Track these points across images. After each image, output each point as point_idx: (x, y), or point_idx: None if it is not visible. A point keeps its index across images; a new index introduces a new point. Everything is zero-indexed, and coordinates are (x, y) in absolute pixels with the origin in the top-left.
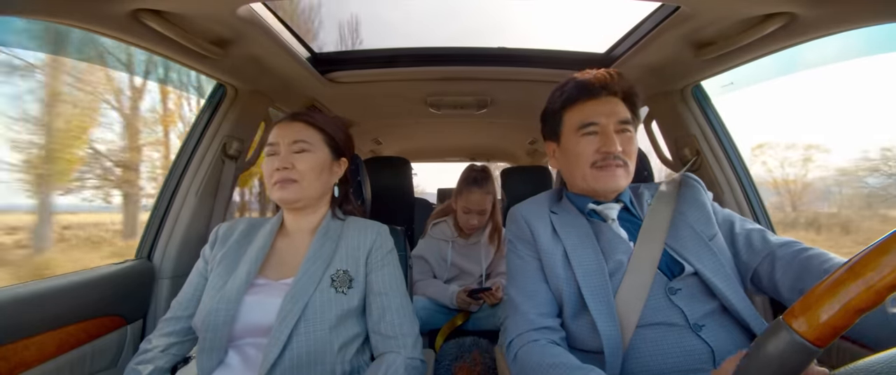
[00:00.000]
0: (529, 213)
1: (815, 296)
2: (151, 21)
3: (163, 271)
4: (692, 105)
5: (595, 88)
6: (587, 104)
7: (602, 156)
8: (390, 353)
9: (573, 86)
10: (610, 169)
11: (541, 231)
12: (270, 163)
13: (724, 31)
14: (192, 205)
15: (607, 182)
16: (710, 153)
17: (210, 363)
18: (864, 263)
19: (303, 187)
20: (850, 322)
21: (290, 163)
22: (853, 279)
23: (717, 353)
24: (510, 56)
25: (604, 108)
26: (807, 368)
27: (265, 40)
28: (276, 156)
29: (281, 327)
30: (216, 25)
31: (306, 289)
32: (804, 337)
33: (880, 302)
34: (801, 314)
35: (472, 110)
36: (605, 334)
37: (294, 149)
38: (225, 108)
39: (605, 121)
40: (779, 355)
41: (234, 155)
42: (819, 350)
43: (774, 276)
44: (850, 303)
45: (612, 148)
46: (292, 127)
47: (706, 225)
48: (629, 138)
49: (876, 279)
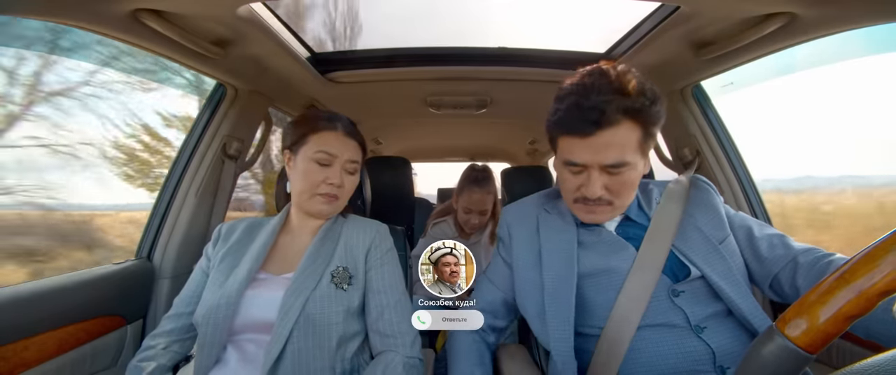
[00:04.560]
0: (514, 215)
1: (807, 303)
2: (151, 21)
3: (163, 271)
4: (692, 105)
5: (585, 126)
6: (574, 140)
7: (582, 196)
8: (388, 352)
9: (565, 112)
10: (588, 207)
11: (519, 233)
12: (320, 173)
13: (724, 31)
14: (192, 205)
15: (588, 218)
16: (710, 153)
17: (209, 359)
18: (853, 270)
19: (342, 204)
20: (842, 329)
21: (342, 180)
22: (843, 285)
23: (718, 355)
24: (510, 56)
25: (592, 147)
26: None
27: (265, 40)
28: (328, 168)
29: (283, 322)
30: (216, 25)
31: (307, 285)
32: (796, 344)
33: (871, 308)
34: (792, 320)
35: (472, 110)
36: (554, 339)
37: (348, 169)
38: (225, 108)
39: (591, 162)
40: (772, 361)
41: (234, 155)
42: (811, 357)
43: (796, 282)
44: (842, 310)
45: (591, 193)
46: (350, 145)
47: (717, 228)
48: (620, 177)
49: (866, 285)
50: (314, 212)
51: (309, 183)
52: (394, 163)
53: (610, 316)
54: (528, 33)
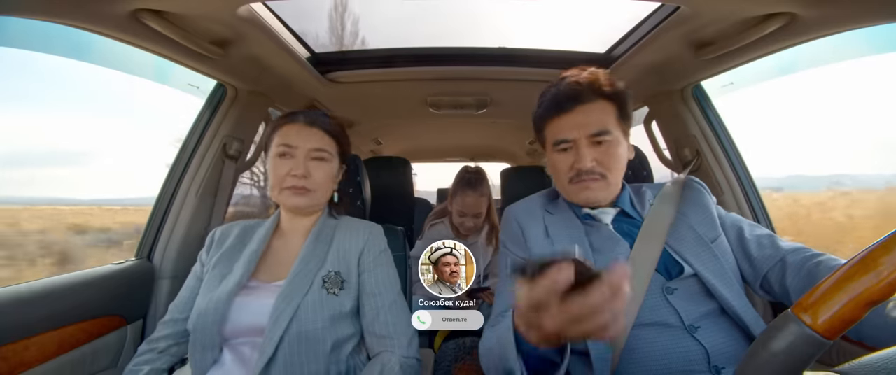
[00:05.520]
0: (522, 214)
1: (826, 289)
2: (151, 21)
3: (163, 271)
4: (692, 105)
5: (565, 102)
6: (559, 119)
7: (575, 172)
8: (385, 353)
9: (547, 99)
10: (584, 183)
11: (533, 232)
12: (283, 166)
13: (724, 31)
14: (192, 205)
15: (582, 195)
16: (709, 153)
17: (203, 362)
18: (874, 256)
19: (317, 196)
20: (861, 315)
21: (307, 171)
22: (864, 272)
23: (712, 355)
24: (510, 56)
25: (575, 121)
26: (812, 362)
27: (265, 40)
28: (290, 159)
29: (274, 327)
30: (216, 25)
31: (299, 290)
32: (814, 329)
33: (892, 293)
34: (810, 306)
35: (472, 110)
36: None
37: (312, 156)
38: (225, 108)
39: (577, 135)
40: (787, 346)
41: (234, 155)
42: (828, 342)
43: (785, 281)
44: (861, 296)
45: (582, 165)
46: (312, 133)
47: (708, 227)
48: (607, 149)
49: (886, 272)
50: (289, 208)
51: (276, 178)
52: (394, 163)
53: None
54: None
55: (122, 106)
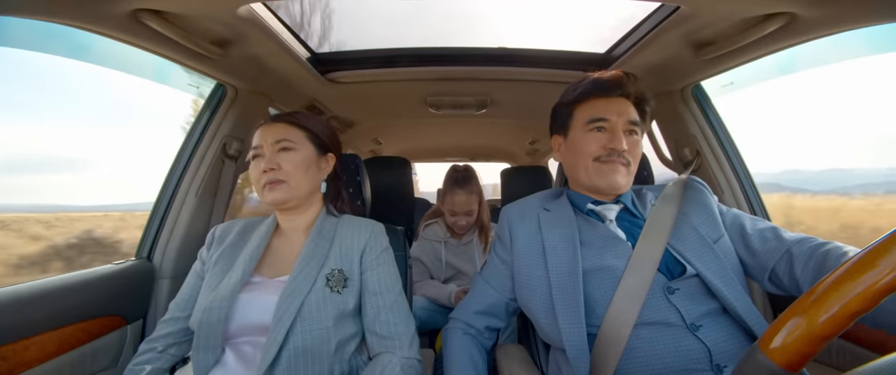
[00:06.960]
0: (515, 214)
1: (782, 323)
2: (151, 21)
3: (163, 271)
4: (692, 105)
5: (610, 86)
6: (600, 101)
7: (607, 151)
8: (386, 353)
9: (589, 82)
10: (613, 164)
11: (521, 232)
12: (256, 166)
13: (724, 31)
14: (192, 205)
15: (608, 176)
16: (709, 153)
17: (206, 361)
18: (826, 292)
19: (291, 187)
20: (818, 349)
21: (275, 163)
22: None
23: (714, 354)
24: (510, 56)
25: (615, 107)
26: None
27: (265, 40)
28: (261, 158)
29: (278, 326)
30: (216, 25)
31: (302, 288)
32: (777, 364)
33: (846, 326)
34: (771, 340)
35: (472, 110)
36: (566, 335)
37: (277, 148)
38: (225, 108)
39: (615, 119)
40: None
41: (234, 155)
42: None
43: (794, 273)
44: (815, 332)
45: (619, 145)
46: (274, 128)
47: (710, 227)
48: (636, 141)
49: (836, 308)
50: (269, 203)
51: (255, 180)
52: (394, 163)
53: (607, 314)
54: (527, 33)
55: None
